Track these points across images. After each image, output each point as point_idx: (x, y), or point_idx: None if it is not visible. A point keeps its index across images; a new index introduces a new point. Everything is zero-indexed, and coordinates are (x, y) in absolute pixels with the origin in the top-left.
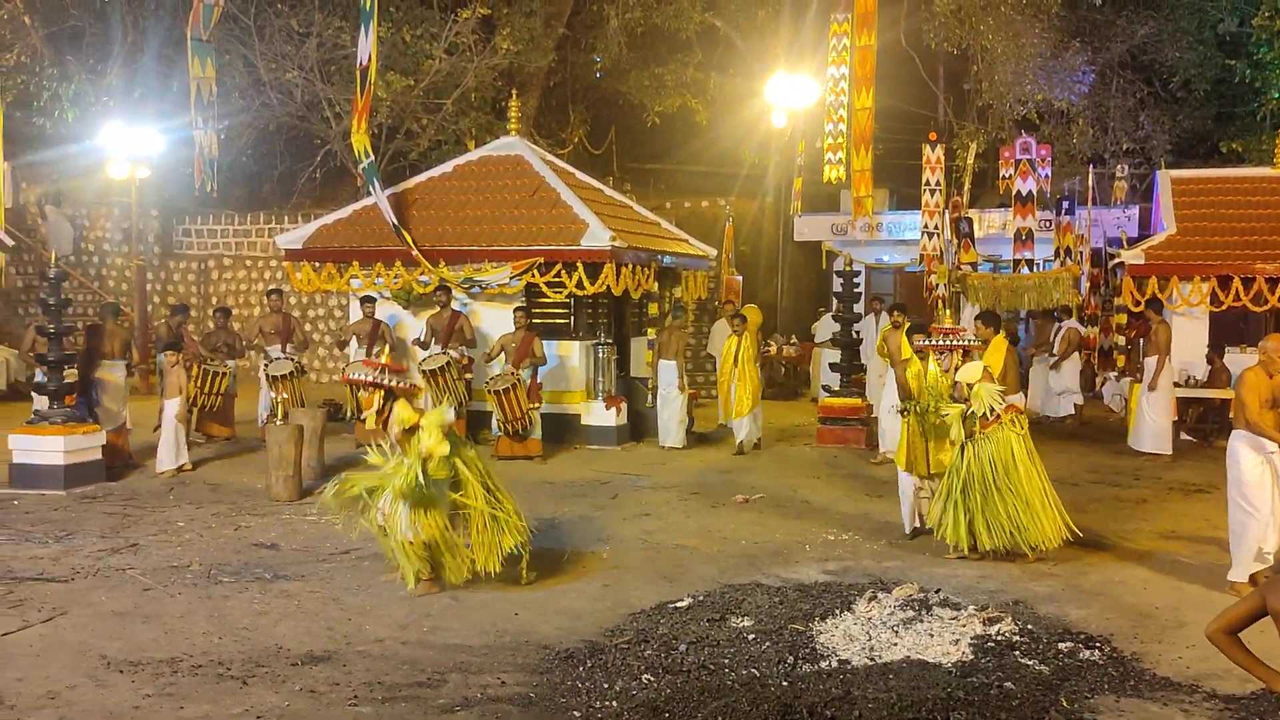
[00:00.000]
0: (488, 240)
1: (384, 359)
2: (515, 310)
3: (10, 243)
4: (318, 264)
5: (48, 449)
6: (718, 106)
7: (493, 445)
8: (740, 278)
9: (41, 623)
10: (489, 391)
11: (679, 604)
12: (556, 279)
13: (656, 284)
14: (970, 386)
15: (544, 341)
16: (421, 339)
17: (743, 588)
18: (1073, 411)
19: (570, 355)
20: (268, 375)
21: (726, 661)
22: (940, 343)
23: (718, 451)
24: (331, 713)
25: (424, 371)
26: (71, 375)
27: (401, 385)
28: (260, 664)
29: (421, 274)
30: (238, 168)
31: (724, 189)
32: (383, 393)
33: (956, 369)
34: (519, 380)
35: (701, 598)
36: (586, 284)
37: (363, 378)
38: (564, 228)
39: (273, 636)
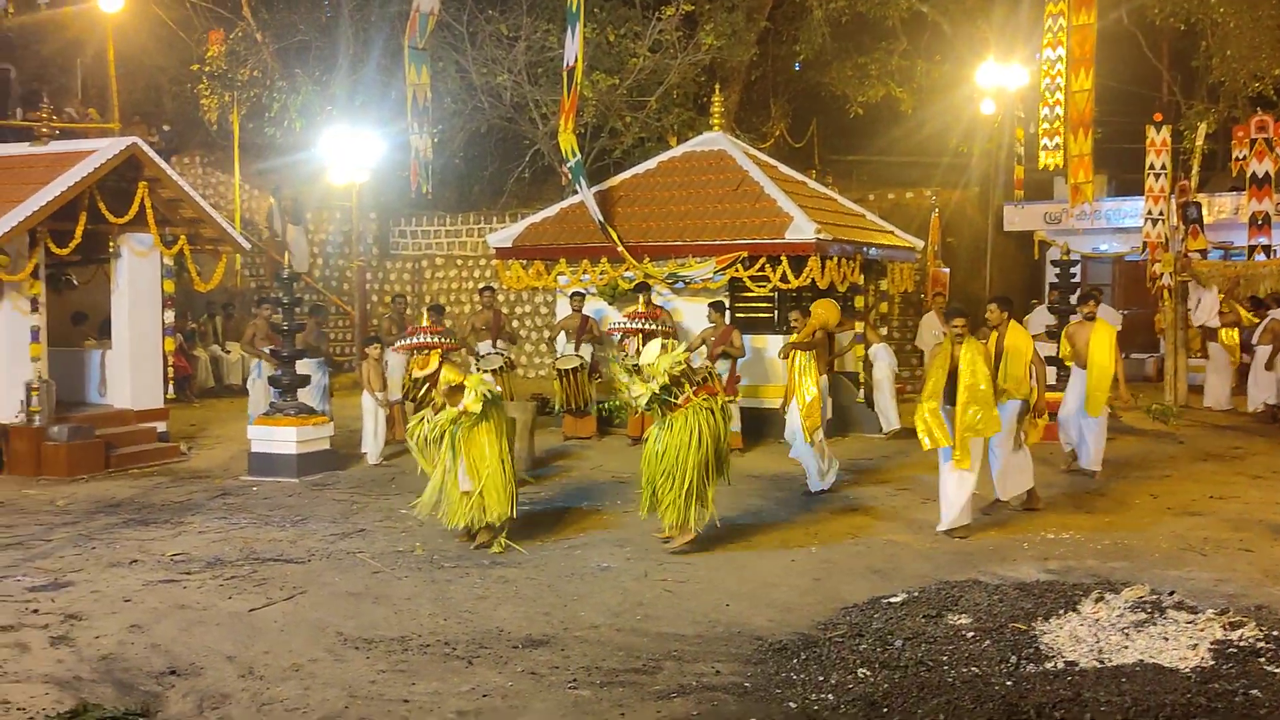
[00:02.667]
0: (692, 235)
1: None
2: (710, 305)
3: (247, 245)
4: (526, 261)
5: (282, 439)
6: (923, 94)
7: (625, 433)
8: (947, 270)
9: (283, 600)
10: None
11: (893, 599)
12: (760, 273)
13: (862, 277)
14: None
15: (749, 336)
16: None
17: (959, 584)
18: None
19: (773, 349)
20: (479, 370)
21: (945, 659)
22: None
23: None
24: (552, 695)
25: (557, 370)
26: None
27: (653, 329)
28: (483, 645)
29: (626, 270)
30: (449, 170)
31: (928, 179)
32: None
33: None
34: (712, 373)
35: (916, 593)
36: (791, 277)
37: (622, 325)
38: (768, 221)
39: (493, 619)
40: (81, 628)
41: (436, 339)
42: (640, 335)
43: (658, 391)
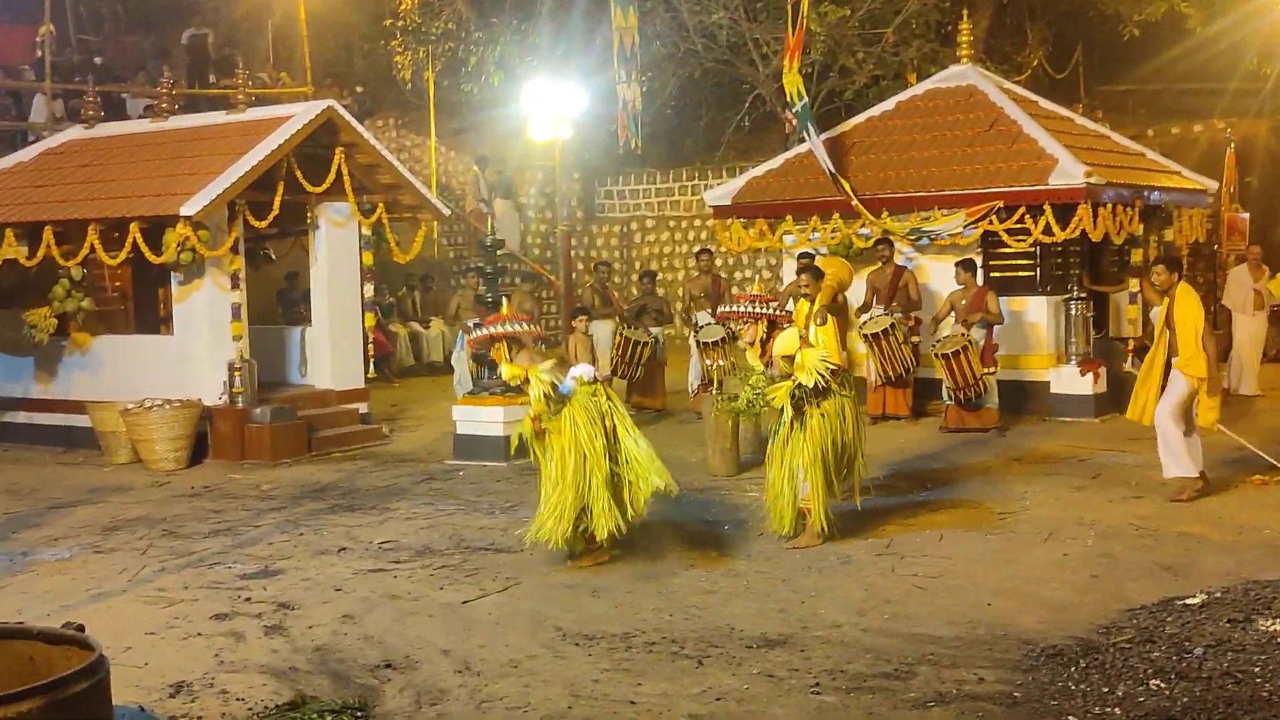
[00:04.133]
0: (937, 184)
1: (758, 288)
2: (957, 265)
3: (446, 212)
4: (747, 220)
5: (488, 420)
6: (1213, 7)
7: (941, 416)
8: (1246, 215)
9: (497, 592)
10: (936, 356)
11: (1189, 600)
12: (1019, 225)
13: (1141, 226)
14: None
15: (1003, 297)
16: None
17: (1271, 584)
18: None
19: (1035, 313)
20: (698, 342)
21: (1257, 670)
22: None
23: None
24: (793, 699)
25: (864, 335)
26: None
27: (781, 314)
28: (713, 644)
29: (862, 226)
30: (660, 122)
31: (1212, 108)
32: (765, 323)
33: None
34: (970, 342)
35: (1218, 594)
36: (1056, 229)
37: (737, 309)
38: (1028, 165)
39: (723, 616)
40: (294, 617)
41: (505, 326)
42: (757, 322)
43: (807, 388)
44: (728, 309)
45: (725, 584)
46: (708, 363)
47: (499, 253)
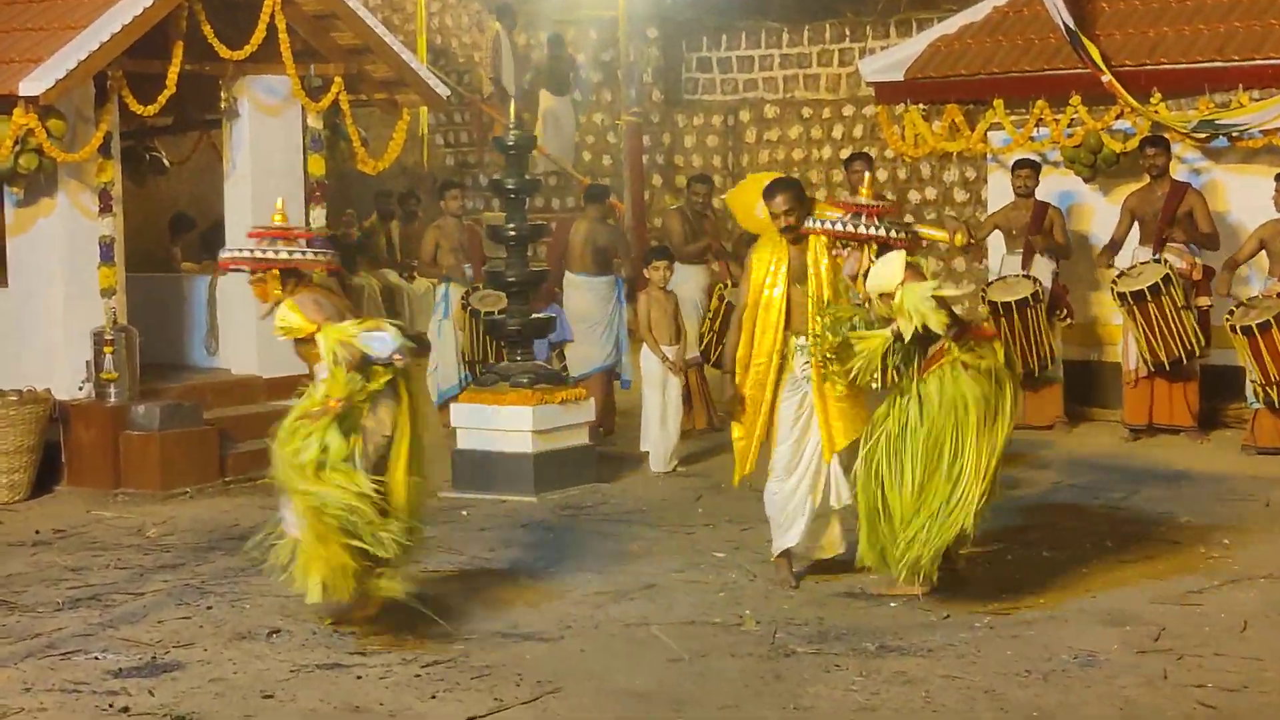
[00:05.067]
0: (1239, 48)
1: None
2: (1279, 181)
3: (445, 92)
4: (929, 106)
5: (508, 426)
6: None
7: (1246, 428)
8: None
9: (521, 704)
10: (1234, 330)
11: None
12: None
13: None
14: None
15: None
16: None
17: None
18: None
19: None
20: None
21: None
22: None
23: None
24: None
25: (1120, 294)
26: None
27: (898, 237)
28: None
29: (1119, 118)
30: None
31: None
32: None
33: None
34: None
35: None
36: None
37: (828, 226)
38: None
39: None
40: None
41: (279, 251)
42: (863, 247)
43: (905, 340)
44: (813, 224)
45: (894, 695)
46: None
47: (528, 158)
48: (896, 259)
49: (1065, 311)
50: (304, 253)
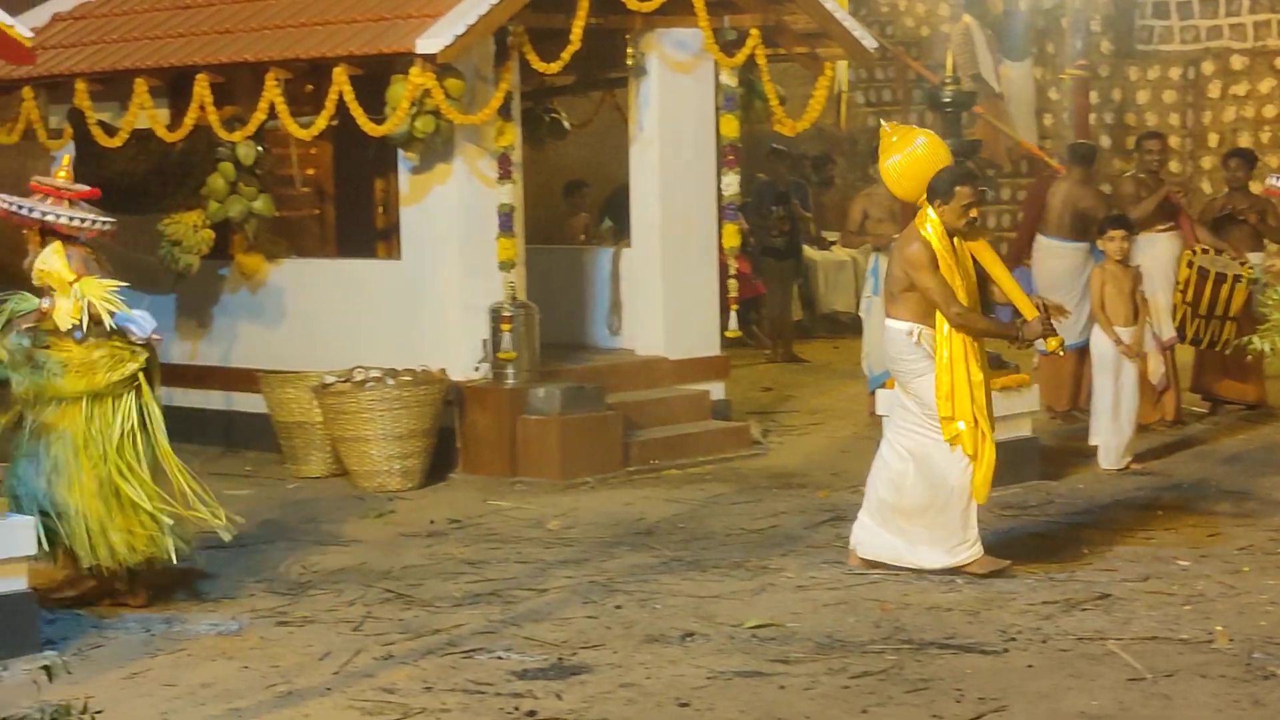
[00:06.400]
0: None
1: None
2: None
3: (871, 44)
4: None
5: None
6: None
7: None
8: None
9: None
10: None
11: None
12: None
13: None
14: None
15: None
16: None
17: None
18: None
19: None
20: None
21: None
22: None
23: None
24: None
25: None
26: None
27: None
28: None
29: None
30: None
31: None
32: None
33: None
34: None
35: None
36: None
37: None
38: None
39: None
40: None
41: (32, 211)
42: None
43: None
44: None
45: None
46: None
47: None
48: None
49: None
50: (63, 216)
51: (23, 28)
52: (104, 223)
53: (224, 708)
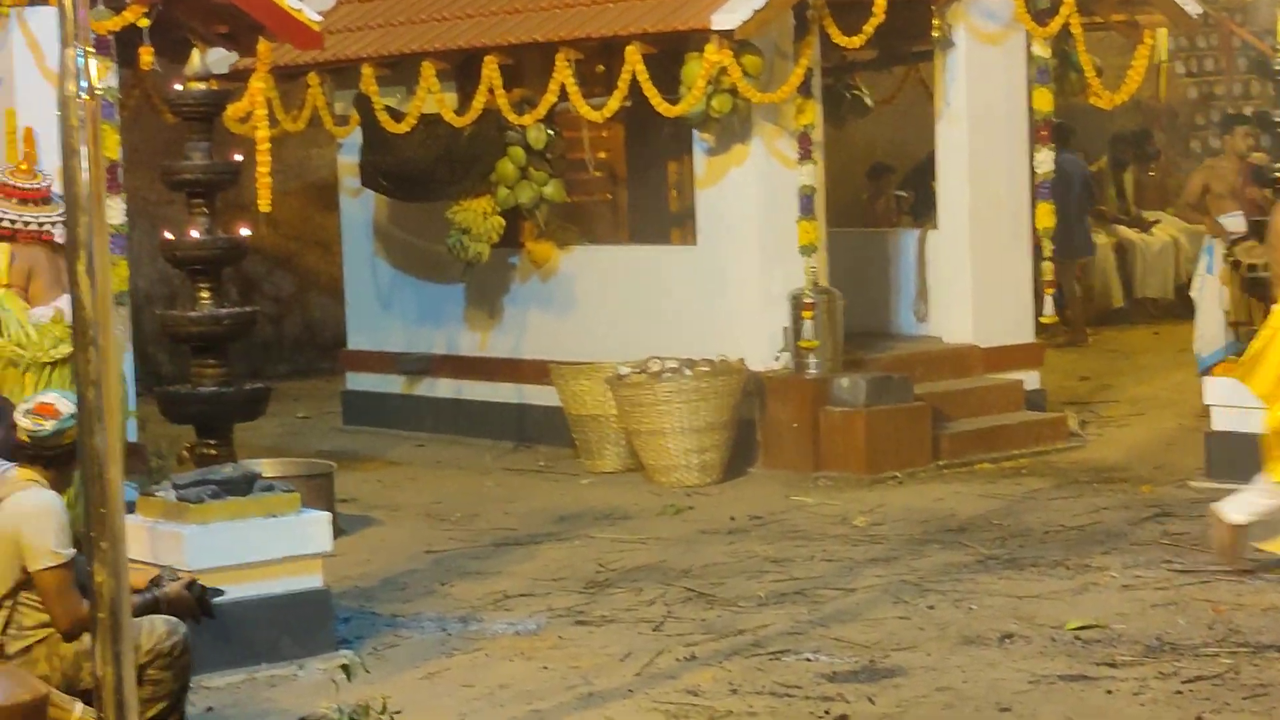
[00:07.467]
0: None
1: None
2: None
3: (1196, 10)
4: None
5: None
6: None
7: None
8: None
9: None
10: None
11: None
12: None
13: None
14: None
15: None
16: None
17: None
18: None
19: None
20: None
21: None
22: None
23: None
24: None
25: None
26: None
27: None
28: None
29: None
30: None
31: None
32: None
33: None
34: None
35: None
36: None
37: None
38: None
39: None
40: None
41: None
42: None
43: None
44: None
45: None
46: None
47: None
48: None
49: None
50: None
51: (311, 12)
52: (41, 224)
53: (524, 709)
